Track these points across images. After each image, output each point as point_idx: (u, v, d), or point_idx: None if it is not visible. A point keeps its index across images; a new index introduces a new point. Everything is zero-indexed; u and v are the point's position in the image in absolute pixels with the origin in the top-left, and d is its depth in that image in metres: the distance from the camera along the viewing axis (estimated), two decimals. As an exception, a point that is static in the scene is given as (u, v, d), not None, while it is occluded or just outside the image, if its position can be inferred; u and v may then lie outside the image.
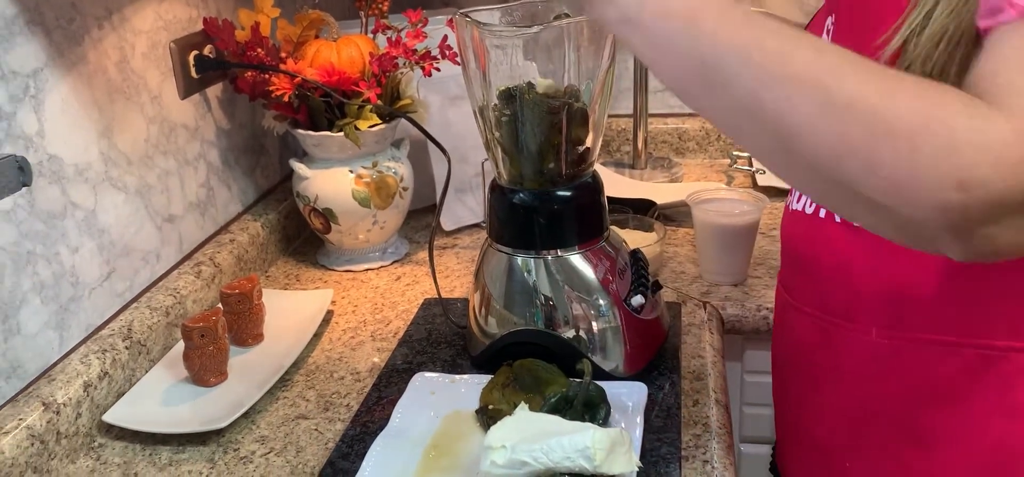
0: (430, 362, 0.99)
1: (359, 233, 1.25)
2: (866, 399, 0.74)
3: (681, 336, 1.02)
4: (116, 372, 0.94)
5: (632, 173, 1.56)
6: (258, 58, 1.16)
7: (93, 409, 0.91)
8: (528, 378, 0.87)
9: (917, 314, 0.69)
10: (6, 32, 0.84)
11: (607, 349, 0.90)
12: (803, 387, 0.83)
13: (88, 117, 0.96)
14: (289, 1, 1.42)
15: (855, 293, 0.73)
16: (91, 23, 0.96)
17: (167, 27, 1.10)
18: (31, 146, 0.87)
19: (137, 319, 1.00)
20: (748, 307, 1.09)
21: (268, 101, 1.19)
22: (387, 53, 1.18)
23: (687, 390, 0.92)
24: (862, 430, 0.76)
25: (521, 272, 0.92)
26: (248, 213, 1.30)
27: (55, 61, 0.90)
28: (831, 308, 0.76)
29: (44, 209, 0.89)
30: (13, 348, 0.85)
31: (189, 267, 1.12)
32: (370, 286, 1.22)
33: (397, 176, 1.24)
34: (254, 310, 1.05)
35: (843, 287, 0.74)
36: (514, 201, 0.91)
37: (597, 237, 0.92)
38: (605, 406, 0.81)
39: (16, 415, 0.82)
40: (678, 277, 1.17)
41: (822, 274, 0.76)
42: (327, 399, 0.95)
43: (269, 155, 1.38)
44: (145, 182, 1.06)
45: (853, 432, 0.77)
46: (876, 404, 0.74)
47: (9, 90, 0.84)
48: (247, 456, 0.87)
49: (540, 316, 0.91)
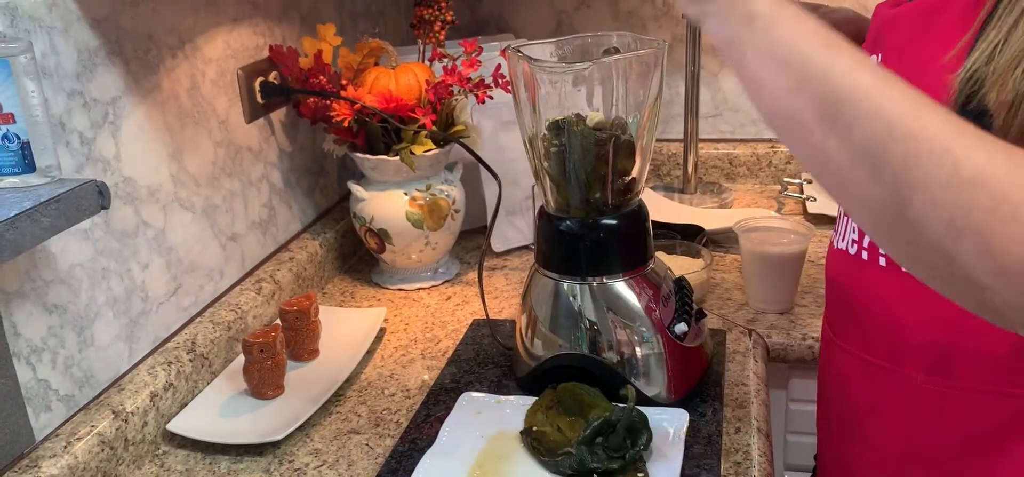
0: (477, 381, 1.02)
1: (412, 253, 1.28)
2: (911, 442, 0.74)
3: (725, 363, 1.03)
4: (180, 383, 1.00)
5: (682, 197, 1.57)
6: (320, 85, 1.21)
7: (158, 418, 0.96)
8: (571, 401, 0.89)
9: (965, 362, 0.69)
10: (89, 63, 0.90)
11: (650, 375, 0.92)
12: (845, 423, 0.83)
13: (160, 141, 1.01)
14: (351, 30, 1.48)
15: (900, 337, 0.73)
16: (165, 53, 1.02)
17: (235, 55, 1.16)
18: (108, 169, 0.93)
19: (201, 333, 1.05)
20: (794, 336, 1.10)
21: (328, 125, 1.24)
22: (443, 81, 1.22)
23: (729, 418, 0.93)
24: (905, 472, 0.76)
25: (567, 297, 0.94)
26: (307, 232, 1.35)
27: (132, 89, 0.96)
28: (874, 350, 0.77)
29: (118, 228, 0.95)
30: (87, 358, 0.91)
31: (250, 284, 1.17)
32: (421, 305, 1.26)
33: (449, 198, 1.28)
34: (311, 326, 1.09)
35: (887, 330, 0.74)
36: (561, 228, 0.94)
37: (642, 265, 0.94)
38: (647, 432, 0.83)
39: (89, 422, 0.88)
40: (724, 304, 1.18)
41: (865, 316, 0.77)
42: (378, 415, 0.99)
43: (328, 176, 1.43)
44: (211, 202, 1.12)
45: (896, 473, 0.77)
46: (921, 448, 0.73)
47: (91, 117, 0.90)
48: (301, 468, 0.90)
49: (585, 340, 0.93)
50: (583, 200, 0.93)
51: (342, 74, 1.27)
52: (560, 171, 0.93)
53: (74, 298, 0.89)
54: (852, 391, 0.81)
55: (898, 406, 0.75)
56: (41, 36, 0.83)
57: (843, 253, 0.80)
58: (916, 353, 0.72)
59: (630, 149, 0.92)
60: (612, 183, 0.92)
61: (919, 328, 0.71)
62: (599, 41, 0.95)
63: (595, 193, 0.93)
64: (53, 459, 0.82)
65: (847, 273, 0.79)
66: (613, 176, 0.92)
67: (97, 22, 0.91)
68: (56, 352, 0.87)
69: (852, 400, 0.81)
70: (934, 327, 0.70)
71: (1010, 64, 0.54)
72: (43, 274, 0.85)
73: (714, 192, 1.58)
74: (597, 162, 0.91)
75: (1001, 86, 0.54)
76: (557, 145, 0.91)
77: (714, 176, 1.67)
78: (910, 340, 0.72)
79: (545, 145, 0.93)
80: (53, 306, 0.86)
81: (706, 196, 1.57)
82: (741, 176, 1.66)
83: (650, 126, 0.93)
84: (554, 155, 0.92)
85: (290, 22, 1.30)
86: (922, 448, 0.74)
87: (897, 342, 0.74)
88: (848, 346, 0.80)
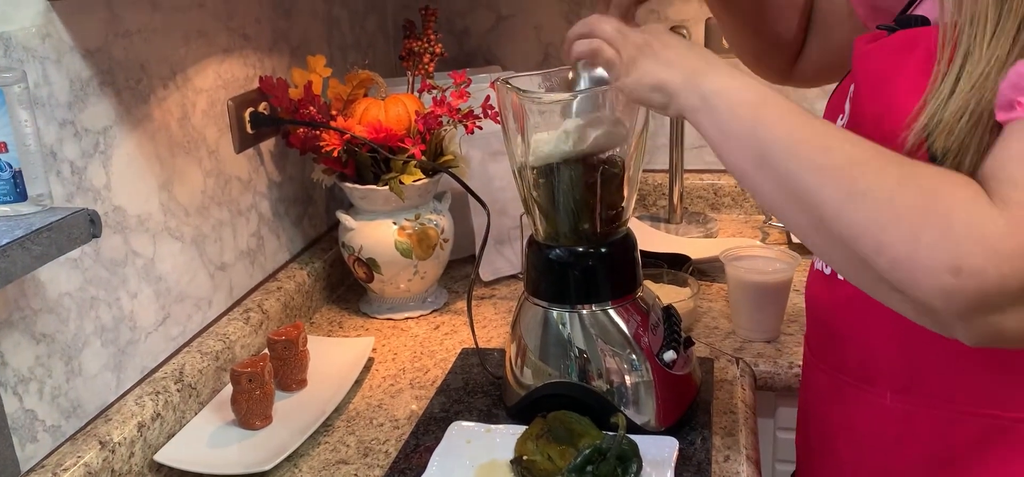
0: (466, 411, 1.02)
1: (400, 282, 1.29)
2: (882, 461, 0.76)
3: (713, 392, 1.03)
4: (168, 413, 0.99)
5: (668, 227, 1.58)
6: (310, 115, 1.22)
7: (145, 449, 0.95)
8: (562, 430, 0.89)
9: (931, 381, 0.71)
10: (81, 93, 0.90)
11: (639, 403, 0.93)
12: (822, 443, 0.84)
13: (151, 170, 1.02)
14: (340, 61, 1.49)
15: (871, 356, 0.75)
16: (157, 83, 1.03)
17: (225, 86, 1.17)
18: (99, 198, 0.93)
19: (189, 363, 1.05)
20: (780, 364, 1.11)
21: (318, 155, 1.25)
22: (432, 112, 1.24)
23: (718, 445, 0.93)
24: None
25: (556, 325, 0.95)
26: (295, 262, 1.35)
27: (123, 119, 0.97)
28: (847, 368, 0.78)
29: (108, 257, 0.95)
30: (75, 388, 0.91)
31: (238, 313, 1.17)
32: (410, 334, 1.26)
33: (438, 228, 1.29)
34: (299, 356, 1.09)
35: (859, 349, 0.76)
36: (550, 257, 0.95)
37: (630, 293, 0.95)
38: (637, 460, 0.83)
39: (75, 453, 0.87)
40: (711, 332, 1.19)
41: (839, 334, 0.79)
42: (367, 445, 0.99)
43: (317, 206, 1.43)
44: (200, 232, 1.12)
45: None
46: (892, 467, 0.75)
47: (82, 146, 0.90)
48: (290, 498, 0.90)
49: (574, 369, 0.94)
50: (572, 229, 0.94)
51: (332, 105, 1.27)
52: (549, 201, 0.94)
53: (62, 327, 0.89)
54: (826, 411, 0.82)
55: (870, 426, 0.76)
56: (34, 66, 0.84)
57: (819, 273, 0.82)
58: (886, 371, 0.74)
59: (617, 179, 0.93)
60: (600, 213, 0.93)
61: (889, 345, 0.73)
62: (587, 73, 0.96)
63: (583, 223, 0.94)
64: (39, 490, 0.82)
65: (821, 292, 0.81)
66: (601, 206, 0.93)
67: (89, 52, 0.91)
68: (43, 382, 0.86)
69: (827, 420, 0.82)
70: (903, 344, 0.72)
71: (956, 114, 0.59)
72: (32, 303, 0.85)
73: (699, 222, 1.60)
74: (585, 192, 0.92)
75: (948, 134, 0.60)
76: (545, 176, 0.93)
77: (699, 206, 1.69)
78: (880, 358, 0.74)
79: (533, 175, 0.94)
80: (41, 335, 0.86)
81: (691, 226, 1.58)
82: (726, 206, 1.68)
83: (636, 157, 0.94)
84: (543, 186, 0.94)
85: (280, 54, 1.31)
86: (893, 468, 0.75)
87: (869, 360, 0.75)
88: (822, 365, 0.82)
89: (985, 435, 0.68)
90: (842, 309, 0.78)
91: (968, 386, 0.69)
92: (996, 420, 0.68)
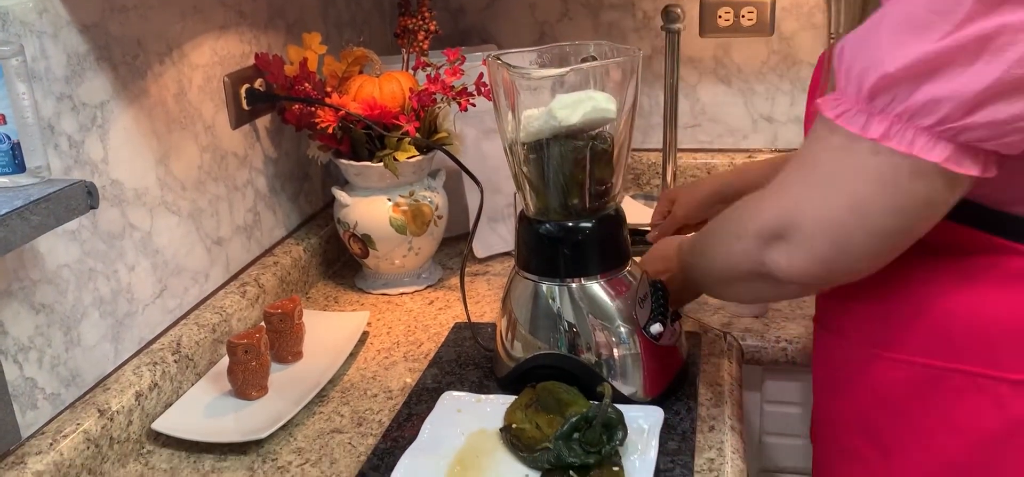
0: (458, 383, 1.04)
1: (395, 258, 1.31)
2: (846, 407, 0.83)
3: (701, 365, 1.05)
4: (165, 384, 1.01)
5: (661, 206, 1.60)
6: (305, 92, 1.24)
7: (143, 417, 0.97)
8: (550, 400, 0.91)
9: (884, 334, 0.77)
10: (78, 67, 0.91)
11: (627, 374, 0.95)
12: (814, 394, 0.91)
13: (148, 145, 1.03)
14: (336, 38, 1.50)
15: (845, 310, 0.82)
16: (153, 59, 1.04)
17: (222, 62, 1.18)
18: (96, 171, 0.95)
19: (186, 334, 1.07)
20: (768, 339, 1.12)
21: (313, 132, 1.26)
22: (426, 89, 1.25)
23: (703, 416, 0.95)
24: (838, 433, 0.84)
25: (546, 299, 0.96)
26: (291, 237, 1.36)
27: (120, 93, 0.98)
28: (825, 322, 0.86)
29: (105, 230, 0.97)
30: (74, 357, 0.92)
31: (235, 287, 1.19)
32: (404, 309, 1.28)
33: (432, 205, 1.30)
34: (295, 329, 1.11)
35: (837, 304, 0.83)
36: (540, 231, 0.96)
37: (619, 267, 0.97)
38: (622, 428, 0.85)
39: (74, 420, 0.89)
40: (700, 308, 1.21)
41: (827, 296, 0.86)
42: (361, 415, 1.01)
43: (312, 182, 1.45)
44: (197, 206, 1.13)
45: (831, 434, 0.86)
46: (852, 412, 0.82)
47: (79, 120, 0.92)
48: (284, 466, 0.92)
49: (563, 341, 0.96)
50: (561, 204, 0.96)
51: (327, 82, 1.29)
52: (539, 177, 0.96)
53: (61, 298, 0.90)
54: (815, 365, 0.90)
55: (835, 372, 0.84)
56: (31, 40, 0.85)
57: None
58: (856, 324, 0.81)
59: (606, 155, 0.94)
60: (589, 188, 0.95)
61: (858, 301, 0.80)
62: (577, 50, 0.98)
63: (573, 198, 0.95)
64: (39, 456, 0.84)
65: None
66: (590, 182, 0.94)
67: (86, 28, 0.92)
68: (43, 351, 0.88)
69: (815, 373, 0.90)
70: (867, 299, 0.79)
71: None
72: (31, 274, 0.87)
73: (693, 200, 1.61)
74: (574, 168, 0.93)
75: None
76: (535, 152, 0.94)
77: (693, 185, 1.70)
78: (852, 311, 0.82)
79: (524, 151, 0.95)
80: (40, 305, 0.88)
81: (685, 204, 1.59)
82: (719, 185, 1.69)
83: (626, 132, 0.96)
84: (533, 161, 0.95)
85: (276, 30, 1.32)
86: (852, 411, 0.82)
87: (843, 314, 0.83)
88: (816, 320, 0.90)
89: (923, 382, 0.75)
90: None
91: (911, 338, 0.75)
92: (933, 369, 0.74)
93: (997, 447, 0.71)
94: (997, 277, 0.71)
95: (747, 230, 0.75)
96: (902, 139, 0.63)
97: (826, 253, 0.69)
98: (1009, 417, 0.70)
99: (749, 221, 0.75)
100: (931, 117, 0.61)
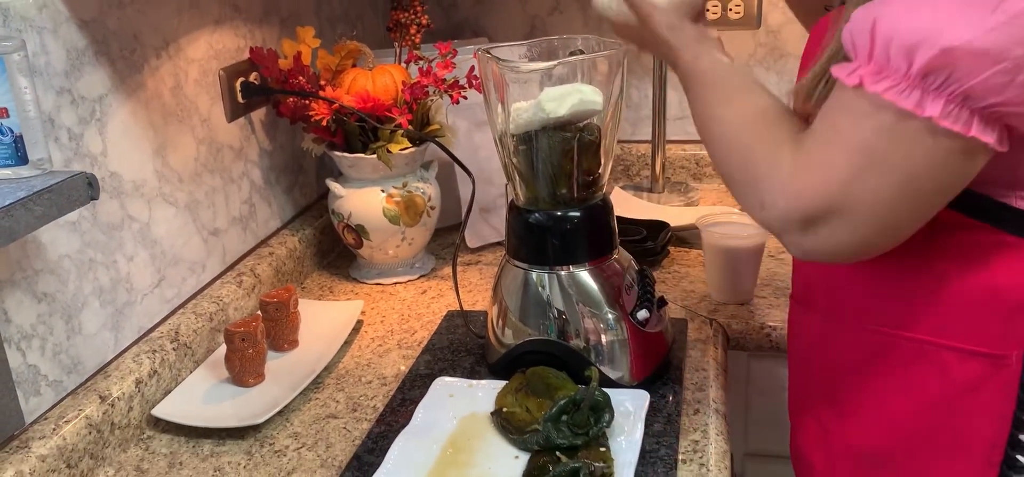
0: (451, 369, 1.07)
1: (389, 249, 1.33)
2: (810, 375, 0.87)
3: (686, 351, 1.08)
4: (164, 371, 1.03)
5: (650, 196, 1.62)
6: (299, 85, 1.26)
7: (143, 404, 1.00)
8: (540, 384, 0.94)
9: (845, 306, 0.81)
10: (77, 62, 0.94)
11: (614, 359, 0.97)
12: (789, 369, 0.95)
13: (145, 138, 1.05)
14: (329, 32, 1.52)
15: (811, 284, 0.86)
16: (150, 53, 1.06)
17: (217, 56, 1.20)
18: (95, 164, 0.97)
19: (184, 323, 1.09)
20: (752, 325, 1.15)
21: (307, 125, 1.29)
22: (418, 82, 1.27)
23: (689, 400, 0.98)
24: (804, 403, 0.89)
25: (536, 286, 0.99)
26: (286, 228, 1.39)
27: (118, 87, 1.00)
28: (797, 297, 0.90)
29: (104, 221, 0.99)
30: (75, 346, 0.95)
31: (231, 277, 1.21)
32: (398, 298, 1.30)
33: (425, 196, 1.33)
34: (291, 318, 1.13)
35: (805, 279, 0.88)
36: (530, 220, 0.99)
37: (606, 255, 0.99)
38: (609, 410, 0.88)
39: (76, 406, 0.91)
40: (687, 296, 1.24)
41: (797, 272, 0.91)
42: (355, 401, 1.03)
43: (307, 174, 1.47)
44: (194, 198, 1.15)
45: (800, 404, 0.91)
46: (815, 379, 0.86)
47: (78, 114, 0.94)
48: (281, 449, 0.95)
49: (553, 328, 0.98)
50: (550, 194, 0.98)
51: (321, 75, 1.31)
52: (528, 167, 0.98)
53: (62, 287, 0.93)
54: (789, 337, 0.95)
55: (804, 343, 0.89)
56: (32, 35, 0.87)
57: None
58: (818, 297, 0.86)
59: (594, 146, 0.97)
60: (578, 178, 0.97)
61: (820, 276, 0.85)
62: (565, 43, 1.00)
63: (562, 188, 0.98)
64: (43, 440, 0.86)
65: None
66: (578, 172, 0.97)
67: (85, 23, 0.94)
68: (45, 339, 0.90)
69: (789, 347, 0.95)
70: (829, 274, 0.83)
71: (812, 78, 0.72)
72: (33, 263, 0.89)
73: (681, 191, 1.64)
74: (563, 158, 0.96)
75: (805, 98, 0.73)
76: (525, 143, 0.96)
77: (681, 176, 1.73)
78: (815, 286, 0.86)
79: (514, 143, 0.98)
80: (42, 294, 0.90)
81: (673, 195, 1.62)
82: (707, 176, 1.72)
83: (612, 125, 0.98)
84: (522, 152, 0.97)
85: (270, 25, 1.34)
86: (814, 377, 0.87)
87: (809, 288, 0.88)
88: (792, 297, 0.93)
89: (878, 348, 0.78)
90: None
91: (869, 308, 0.79)
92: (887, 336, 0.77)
93: (937, 411, 0.75)
94: (950, 249, 0.72)
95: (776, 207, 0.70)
96: (958, 119, 0.60)
97: (869, 235, 0.67)
98: (951, 383, 0.74)
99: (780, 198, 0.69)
100: (991, 98, 0.59)
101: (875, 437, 0.80)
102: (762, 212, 0.72)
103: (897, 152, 0.63)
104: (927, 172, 0.63)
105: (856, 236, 0.67)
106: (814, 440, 0.87)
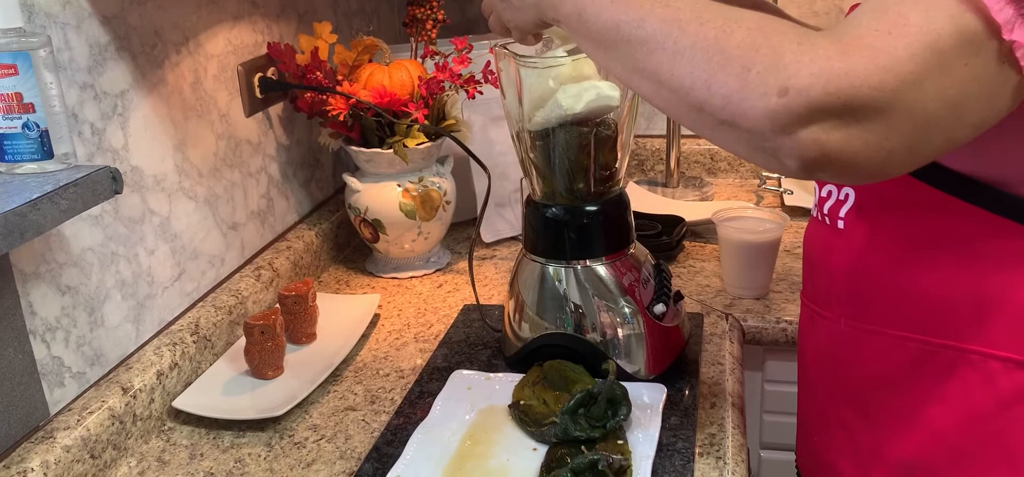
0: (468, 362, 1.07)
1: (405, 243, 1.34)
2: (833, 379, 0.85)
3: (702, 345, 1.08)
4: (184, 363, 1.05)
5: (665, 191, 1.63)
6: (316, 80, 1.27)
7: (164, 395, 1.01)
8: (557, 377, 0.95)
9: (875, 309, 0.78)
10: (99, 57, 0.95)
11: (631, 353, 0.98)
12: (799, 368, 0.93)
13: (166, 133, 1.06)
14: (346, 28, 1.53)
15: (832, 286, 0.83)
16: (170, 49, 1.07)
17: (235, 51, 1.21)
18: (117, 158, 0.98)
19: (203, 316, 1.10)
20: (768, 320, 1.16)
21: (324, 120, 1.29)
22: (434, 77, 1.28)
23: (705, 394, 0.98)
24: (828, 407, 0.87)
25: (553, 280, 1.00)
26: (304, 222, 1.40)
27: (139, 83, 1.01)
28: (816, 298, 0.87)
29: (126, 215, 1.00)
30: (98, 338, 0.96)
31: (250, 271, 1.22)
32: (414, 292, 1.31)
33: (441, 190, 1.33)
34: (309, 311, 1.14)
35: (826, 281, 0.85)
36: (547, 215, 0.99)
37: (623, 249, 1.00)
38: (626, 404, 0.89)
39: (99, 398, 0.93)
40: (703, 290, 1.24)
41: (814, 269, 0.88)
42: (373, 394, 1.04)
43: (324, 169, 1.48)
44: (213, 192, 1.17)
45: (821, 408, 0.88)
46: (839, 384, 0.84)
47: (101, 109, 0.95)
48: (301, 441, 0.96)
49: (569, 321, 0.99)
50: (567, 189, 0.99)
51: (338, 70, 1.32)
52: (545, 162, 0.99)
53: (85, 280, 0.94)
54: (802, 339, 0.92)
55: (828, 348, 0.85)
56: (56, 31, 0.88)
57: (813, 219, 0.89)
58: (843, 300, 0.82)
59: (610, 140, 0.97)
60: (594, 173, 0.98)
61: (847, 277, 0.81)
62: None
63: (578, 183, 0.98)
64: (67, 431, 0.87)
65: (810, 234, 0.89)
66: (595, 166, 0.97)
67: (107, 19, 0.95)
68: (69, 331, 0.92)
69: (801, 347, 0.92)
70: (857, 276, 0.80)
71: None
72: (57, 257, 0.90)
73: (696, 186, 1.64)
74: (579, 153, 0.96)
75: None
76: (541, 138, 0.97)
77: (696, 171, 1.73)
78: (839, 288, 0.82)
79: (530, 138, 0.98)
80: (66, 287, 0.91)
81: (688, 189, 1.62)
82: (722, 171, 1.72)
83: (629, 119, 0.98)
84: (539, 147, 0.98)
85: (288, 20, 1.35)
86: (841, 384, 0.84)
87: (830, 290, 0.84)
88: (804, 298, 0.91)
89: (917, 358, 0.76)
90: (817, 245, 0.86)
91: (905, 315, 0.76)
92: (928, 346, 0.75)
93: (985, 423, 0.72)
94: (997, 256, 0.70)
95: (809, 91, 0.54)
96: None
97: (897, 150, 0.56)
98: (998, 394, 0.71)
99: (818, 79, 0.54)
100: None
101: (914, 447, 0.77)
102: (778, 100, 0.55)
103: (965, 67, 0.55)
104: (980, 98, 0.56)
105: (885, 146, 0.56)
106: (839, 447, 0.85)
